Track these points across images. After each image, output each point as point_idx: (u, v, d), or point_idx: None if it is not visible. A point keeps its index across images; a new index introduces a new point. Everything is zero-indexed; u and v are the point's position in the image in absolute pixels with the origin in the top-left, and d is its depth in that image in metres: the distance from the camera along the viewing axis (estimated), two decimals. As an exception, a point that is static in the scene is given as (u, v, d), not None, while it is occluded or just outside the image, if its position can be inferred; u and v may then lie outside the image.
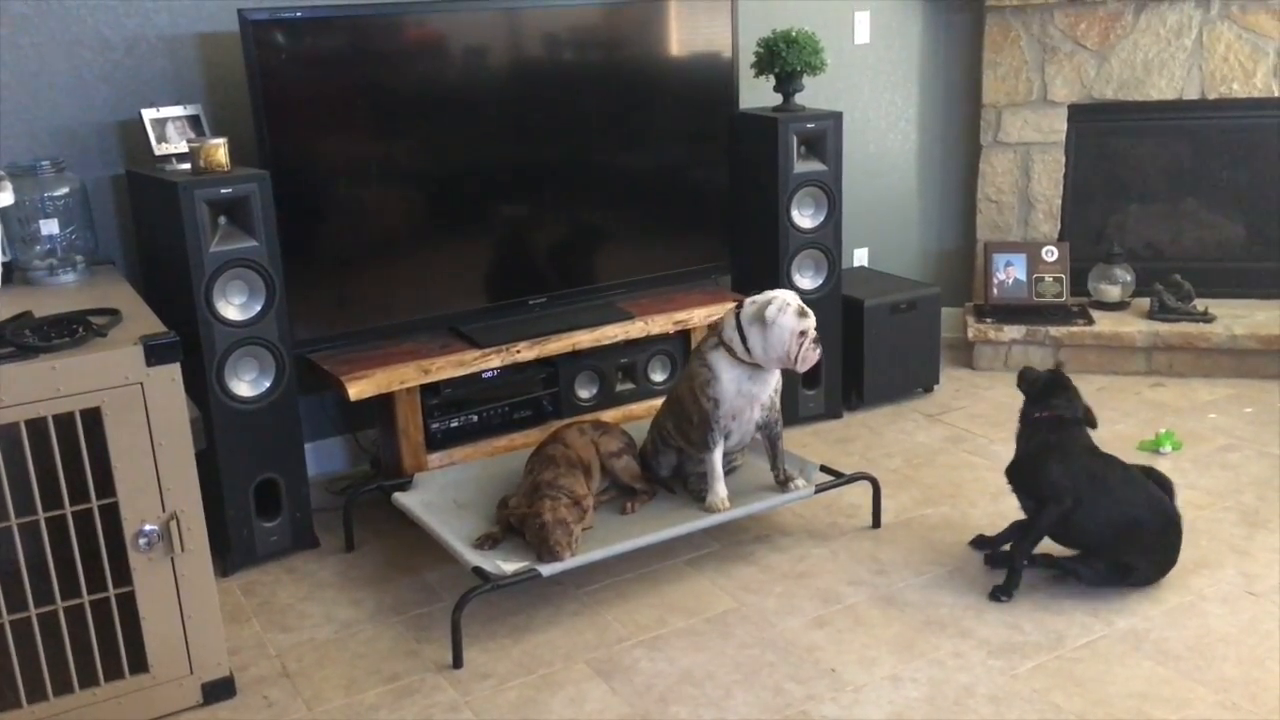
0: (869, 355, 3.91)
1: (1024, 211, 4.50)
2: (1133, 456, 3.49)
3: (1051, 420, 2.75)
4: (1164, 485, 2.78)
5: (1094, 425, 2.77)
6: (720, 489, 2.87)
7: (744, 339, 2.80)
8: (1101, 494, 2.68)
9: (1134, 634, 2.55)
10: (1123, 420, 3.79)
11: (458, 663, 2.53)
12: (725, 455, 2.95)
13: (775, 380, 2.92)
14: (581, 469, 2.86)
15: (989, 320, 4.32)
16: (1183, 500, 3.16)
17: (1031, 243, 4.43)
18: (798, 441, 3.65)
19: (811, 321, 2.81)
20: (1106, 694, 2.34)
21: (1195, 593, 2.71)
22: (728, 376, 2.82)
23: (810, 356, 2.82)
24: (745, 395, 2.86)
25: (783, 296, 2.83)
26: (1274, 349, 4.07)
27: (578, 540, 2.64)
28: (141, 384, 2.18)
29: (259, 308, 2.84)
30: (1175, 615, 2.62)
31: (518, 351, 3.27)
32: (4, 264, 2.65)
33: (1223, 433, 3.66)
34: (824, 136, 3.64)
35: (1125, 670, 2.42)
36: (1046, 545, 2.78)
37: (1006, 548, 2.85)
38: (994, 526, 3.04)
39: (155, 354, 2.19)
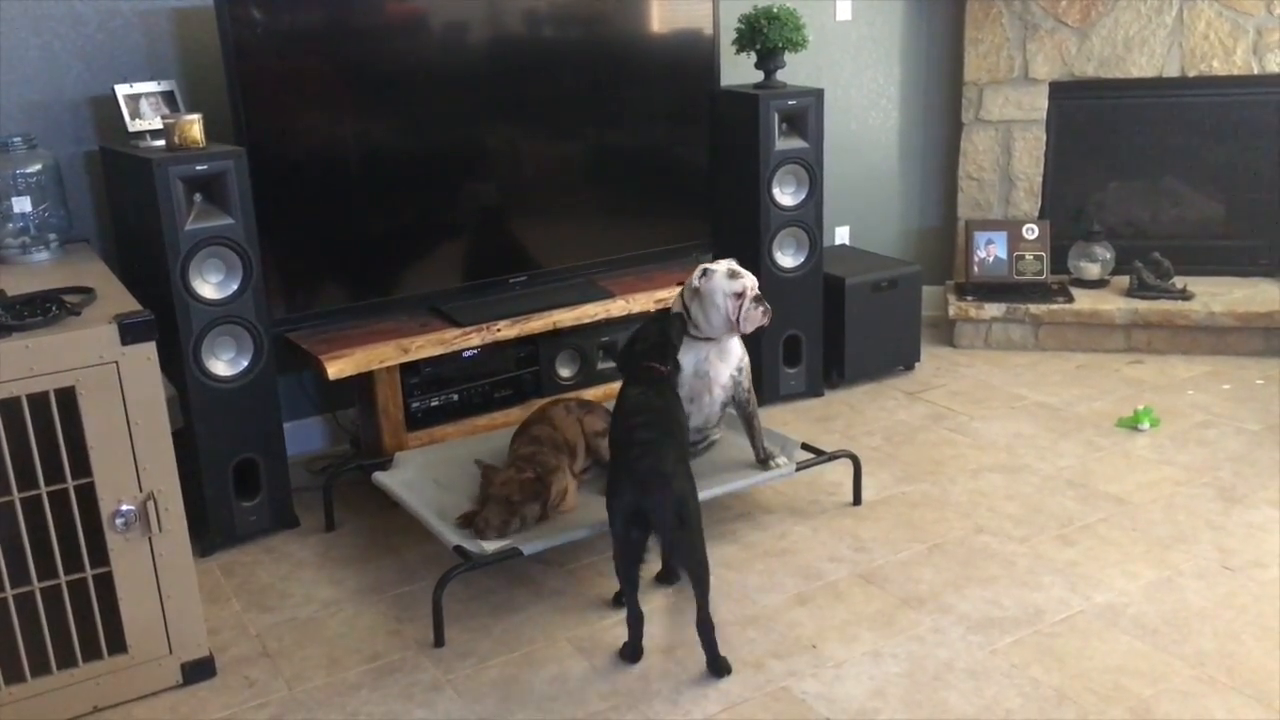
0: (850, 333, 3.92)
1: (1005, 189, 4.50)
2: (1112, 433, 3.53)
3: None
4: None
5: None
6: None
7: (690, 314, 2.83)
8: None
9: (1111, 609, 2.56)
10: (1101, 397, 3.81)
11: (439, 641, 2.52)
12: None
13: (737, 358, 2.91)
14: (567, 450, 2.85)
15: (970, 298, 4.33)
16: (1161, 476, 3.20)
17: (1012, 221, 4.44)
18: (779, 419, 3.65)
19: (745, 281, 2.80)
20: (1084, 668, 2.36)
21: (1172, 568, 2.73)
22: (686, 360, 2.82)
23: (753, 316, 2.81)
24: (702, 376, 2.87)
25: (715, 265, 2.84)
26: (1251, 326, 4.10)
27: (524, 521, 2.62)
28: (117, 363, 2.16)
29: (236, 286, 2.81)
30: (1152, 590, 2.64)
31: (498, 330, 3.26)
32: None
33: (1201, 409, 3.69)
34: (805, 114, 3.63)
35: (1103, 645, 2.43)
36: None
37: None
38: (973, 504, 3.07)
39: (130, 333, 2.16)
